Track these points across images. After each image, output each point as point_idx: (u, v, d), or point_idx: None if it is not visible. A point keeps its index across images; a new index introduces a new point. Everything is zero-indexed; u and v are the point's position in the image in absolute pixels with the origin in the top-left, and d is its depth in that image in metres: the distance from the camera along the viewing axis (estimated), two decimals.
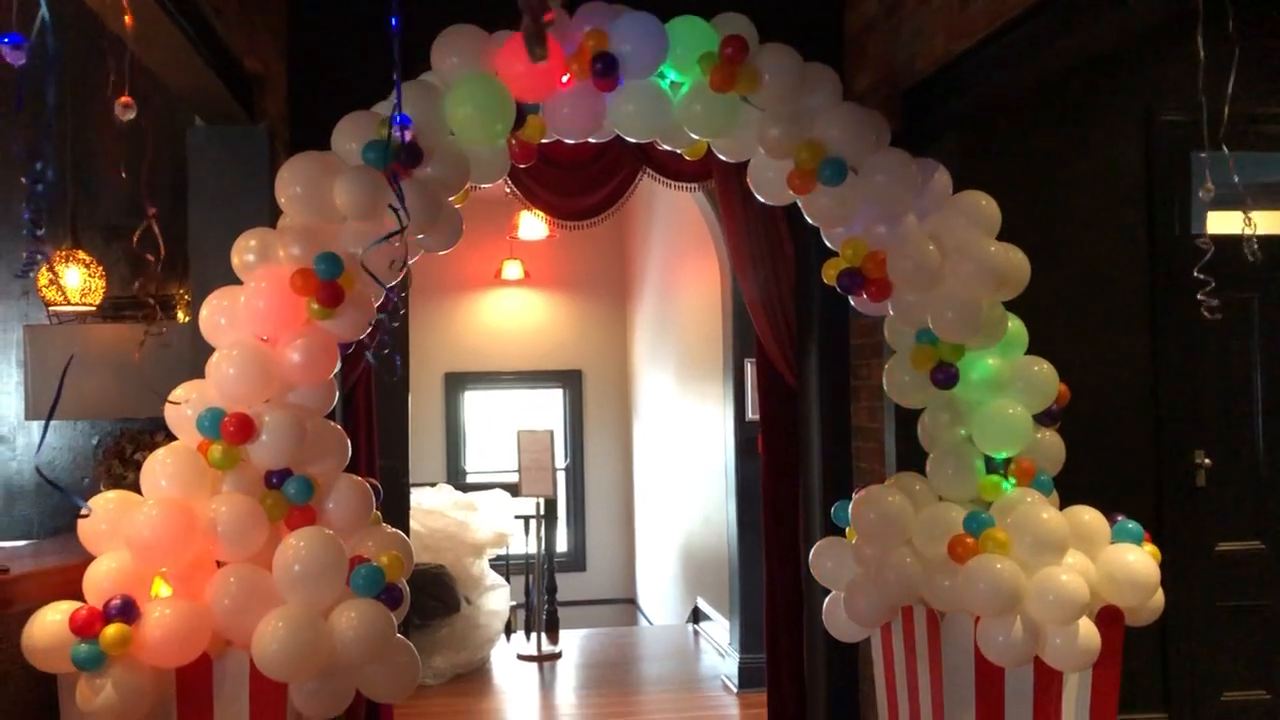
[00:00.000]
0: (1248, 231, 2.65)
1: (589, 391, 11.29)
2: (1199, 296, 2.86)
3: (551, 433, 7.44)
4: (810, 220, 3.57)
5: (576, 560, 11.18)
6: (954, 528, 3.31)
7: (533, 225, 9.13)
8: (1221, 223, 4.66)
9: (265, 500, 3.07)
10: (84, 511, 2.88)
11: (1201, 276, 2.80)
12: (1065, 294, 4.42)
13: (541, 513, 7.42)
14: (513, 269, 10.53)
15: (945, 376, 3.45)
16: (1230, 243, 3.27)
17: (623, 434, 11.29)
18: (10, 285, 4.49)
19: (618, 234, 11.12)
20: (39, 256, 1.81)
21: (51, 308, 4.03)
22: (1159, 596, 3.35)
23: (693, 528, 8.31)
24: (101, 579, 2.88)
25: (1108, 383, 4.49)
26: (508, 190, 4.76)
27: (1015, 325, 3.52)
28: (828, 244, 3.68)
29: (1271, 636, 4.64)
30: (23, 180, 1.69)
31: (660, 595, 9.77)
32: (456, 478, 10.59)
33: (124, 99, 2.39)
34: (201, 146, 3.86)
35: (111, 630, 2.75)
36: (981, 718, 3.32)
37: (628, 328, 11.19)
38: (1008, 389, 3.46)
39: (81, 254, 4.08)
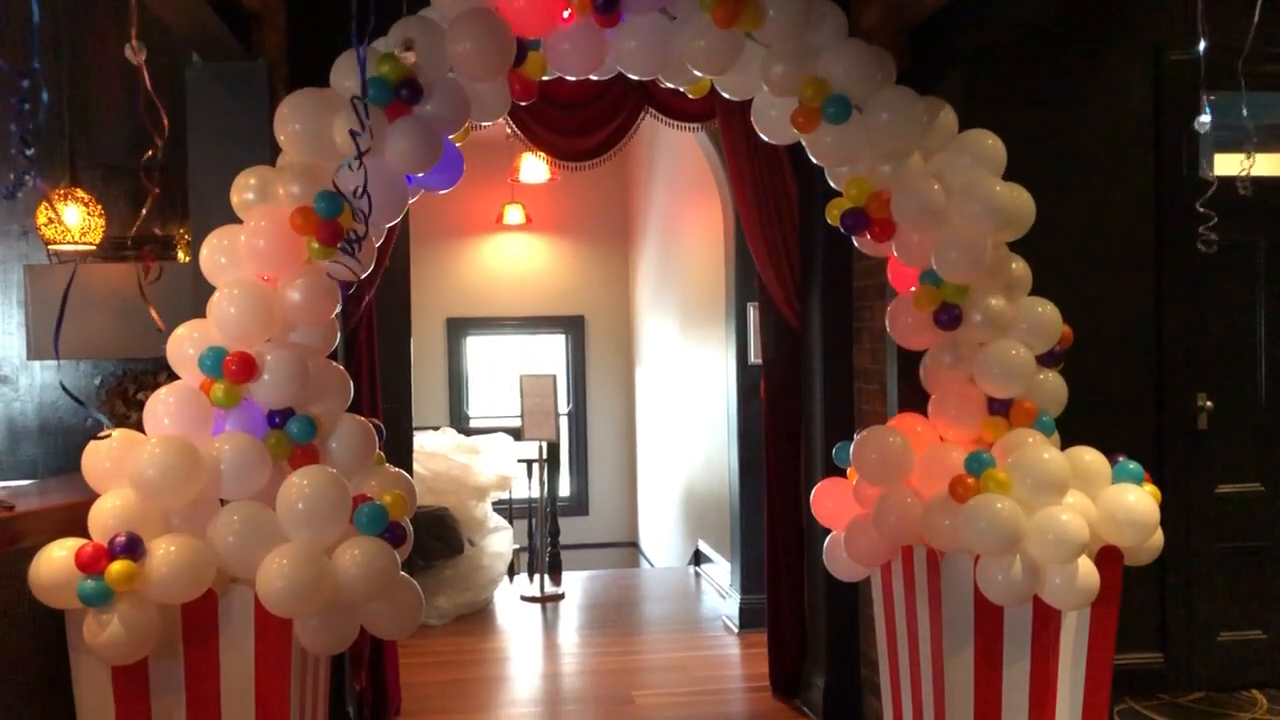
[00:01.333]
0: (1244, 165, 2.63)
1: (591, 337, 11.29)
2: (1200, 230, 2.84)
3: (554, 377, 7.45)
4: (814, 159, 3.54)
5: (579, 505, 11.27)
6: (955, 468, 3.32)
7: (534, 168, 9.07)
8: (1228, 165, 4.62)
9: (268, 439, 3.08)
10: (105, 432, 2.88)
11: (1203, 210, 2.77)
12: (1070, 235, 4.39)
13: (544, 456, 7.45)
14: (514, 213, 10.48)
15: (949, 317, 3.44)
16: (1236, 185, 3.25)
17: (625, 379, 11.31)
18: (8, 225, 4.47)
19: (620, 178, 11.05)
20: (28, 177, 1.79)
21: (51, 247, 4.01)
22: (1158, 536, 3.37)
23: (694, 472, 8.35)
24: (106, 516, 2.90)
25: (1111, 325, 4.47)
26: (509, 131, 4.72)
27: (1019, 266, 3.50)
28: (831, 184, 3.65)
29: (1270, 578, 4.67)
30: (10, 101, 1.66)
31: (662, 539, 9.85)
32: (459, 423, 10.64)
33: (134, 42, 2.36)
34: (199, 83, 3.81)
35: (117, 567, 2.77)
36: (980, 656, 3.36)
37: (630, 272, 11.16)
38: (1011, 330, 3.45)
39: (80, 192, 4.05)
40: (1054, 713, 3.41)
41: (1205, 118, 2.80)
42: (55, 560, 2.82)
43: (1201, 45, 2.67)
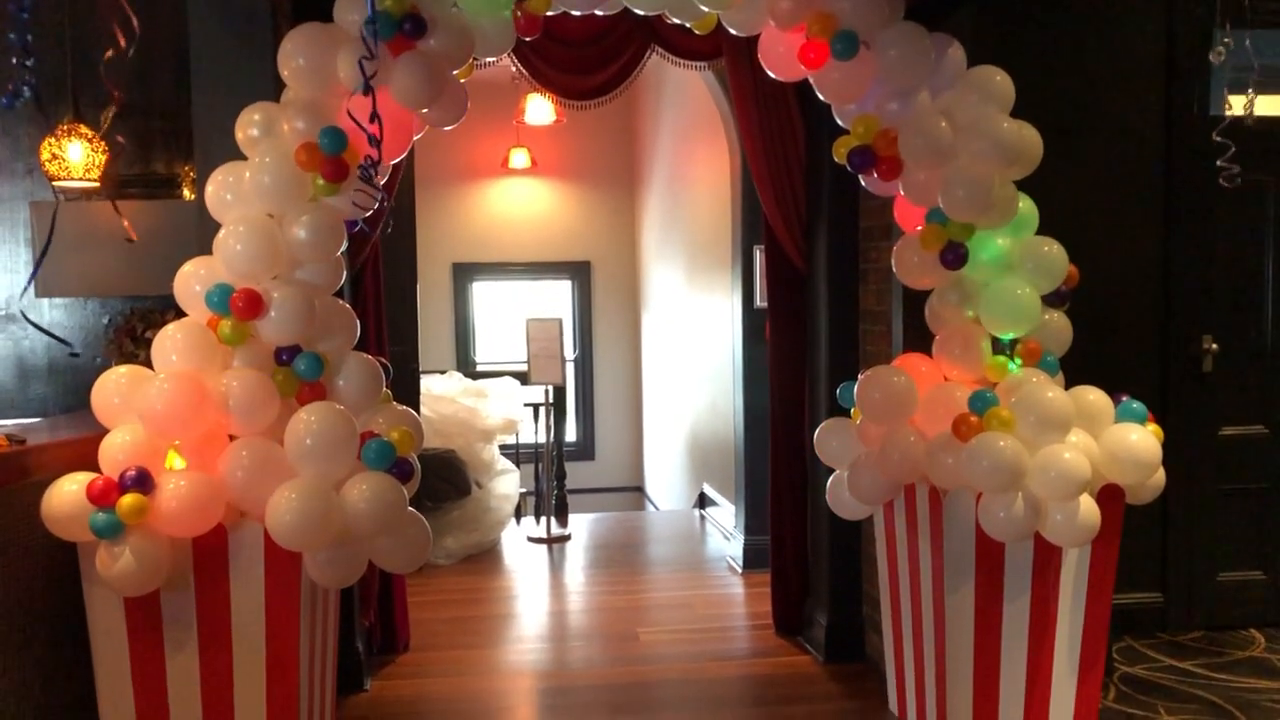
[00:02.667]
0: (1250, 96, 2.62)
1: (597, 283, 11.28)
2: (1219, 163, 2.82)
3: (560, 321, 7.45)
4: (821, 97, 3.51)
5: (585, 450, 11.32)
6: (959, 406, 3.33)
7: (539, 109, 8.99)
8: (1238, 106, 4.57)
9: (276, 376, 3.10)
10: (74, 349, 2.89)
11: (1220, 139, 2.75)
12: (1078, 174, 4.37)
13: (551, 400, 7.48)
14: (519, 157, 10.42)
15: (954, 256, 3.43)
16: (1244, 125, 3.22)
17: (631, 325, 11.31)
18: (14, 163, 4.46)
19: (626, 121, 10.96)
20: (25, 86, 1.78)
21: (55, 183, 4.00)
22: (1160, 475, 3.39)
23: (699, 416, 8.39)
24: (116, 451, 2.93)
25: (1118, 265, 4.46)
26: (514, 70, 4.68)
27: (1026, 205, 3.49)
28: (839, 122, 3.63)
29: (1270, 519, 4.70)
30: (9, 8, 1.65)
31: (667, 483, 9.91)
32: (466, 367, 10.66)
33: None
34: (202, 19, 3.77)
35: (128, 500, 2.81)
36: (981, 593, 3.39)
37: (636, 218, 11.12)
38: (1017, 269, 3.45)
39: (83, 128, 4.04)
40: (1053, 650, 3.45)
41: (1221, 50, 2.77)
42: (67, 494, 2.86)
43: None
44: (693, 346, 8.56)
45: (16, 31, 1.72)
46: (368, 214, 3.28)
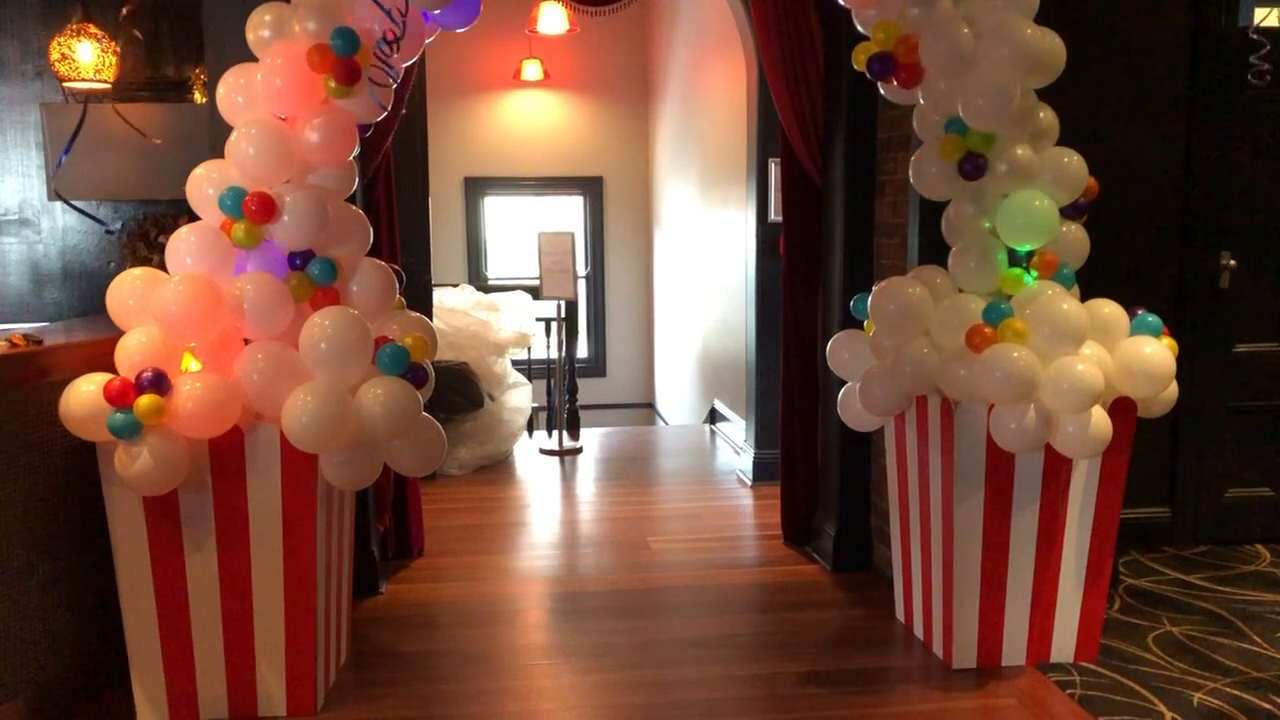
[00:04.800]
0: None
1: (610, 199, 11.20)
2: (1251, 60, 2.75)
3: (572, 235, 7.41)
4: (841, 2, 3.44)
5: (597, 366, 11.36)
6: (973, 318, 3.32)
7: (552, 18, 8.84)
8: (1269, 20, 4.47)
9: (289, 280, 3.10)
10: (108, 227, 2.89)
11: (1255, 36, 2.68)
12: (1100, 85, 4.29)
13: (563, 315, 7.49)
14: (532, 69, 10.28)
15: (973, 167, 3.39)
16: (1273, 38, 3.14)
17: (643, 241, 11.26)
18: (23, 65, 4.42)
19: (640, 32, 10.78)
20: None
21: (66, 84, 3.96)
22: (1173, 389, 3.39)
23: (711, 332, 8.39)
24: (132, 352, 2.95)
25: (1138, 178, 4.41)
26: None
27: (1047, 115, 3.43)
28: (858, 28, 3.56)
29: None
30: None
31: (678, 399, 9.96)
32: (478, 281, 10.66)
33: None
34: None
35: (145, 400, 2.83)
36: (990, 503, 3.42)
37: (650, 132, 10.99)
38: (1036, 180, 3.41)
39: (93, 28, 3.99)
40: (1060, 561, 3.50)
41: None
42: (84, 394, 2.89)
43: None
44: (705, 262, 8.53)
45: None
46: (382, 115, 3.25)
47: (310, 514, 3.13)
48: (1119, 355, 3.31)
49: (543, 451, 7.18)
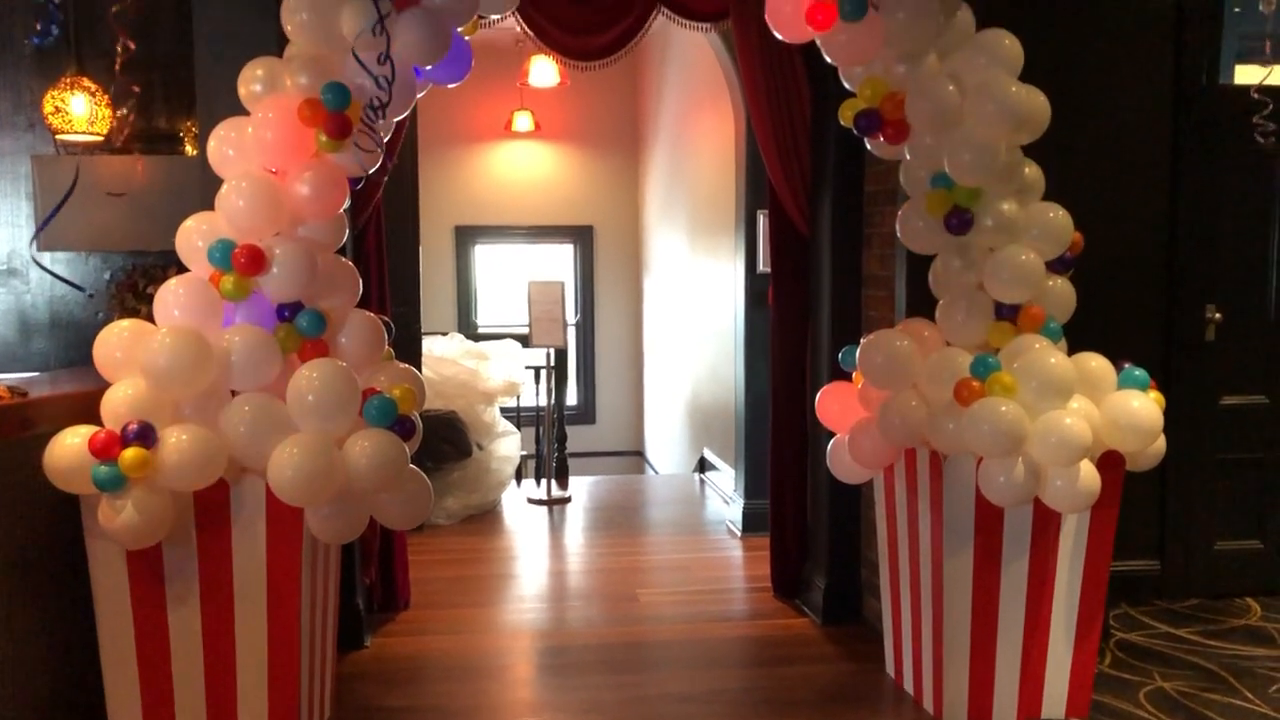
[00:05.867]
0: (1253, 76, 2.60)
1: (600, 247, 11.25)
2: (1255, 120, 2.80)
3: (562, 284, 7.44)
4: (828, 59, 3.49)
5: (586, 414, 11.34)
6: (961, 371, 3.33)
7: (543, 71, 8.93)
8: (1247, 75, 4.55)
9: (278, 333, 3.10)
10: (88, 293, 2.86)
11: (1258, 96, 2.72)
12: (1085, 140, 4.35)
13: (552, 363, 7.48)
14: (523, 120, 10.36)
15: (959, 222, 3.42)
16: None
17: (633, 290, 11.29)
18: (16, 117, 4.43)
19: (630, 84, 10.89)
20: (53, 24, 1.77)
21: (58, 136, 3.97)
22: (1160, 443, 3.40)
23: (700, 381, 8.39)
24: (119, 404, 2.93)
25: (1123, 233, 4.45)
26: (518, 31, 4.64)
27: (1032, 170, 3.47)
28: (845, 84, 3.60)
29: (1269, 489, 4.71)
30: None
31: (667, 447, 9.93)
32: (467, 330, 10.66)
33: None
34: None
35: (130, 453, 2.81)
36: (979, 557, 3.41)
37: (639, 182, 11.07)
38: (1022, 235, 3.43)
39: (87, 81, 4.01)
40: (1050, 615, 3.48)
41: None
42: (69, 446, 2.87)
43: None
44: (694, 311, 8.55)
45: None
46: (371, 170, 3.27)
47: (295, 567, 3.10)
48: (1106, 409, 3.32)
49: (531, 501, 7.14)
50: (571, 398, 10.97)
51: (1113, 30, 4.38)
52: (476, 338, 8.57)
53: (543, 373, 7.62)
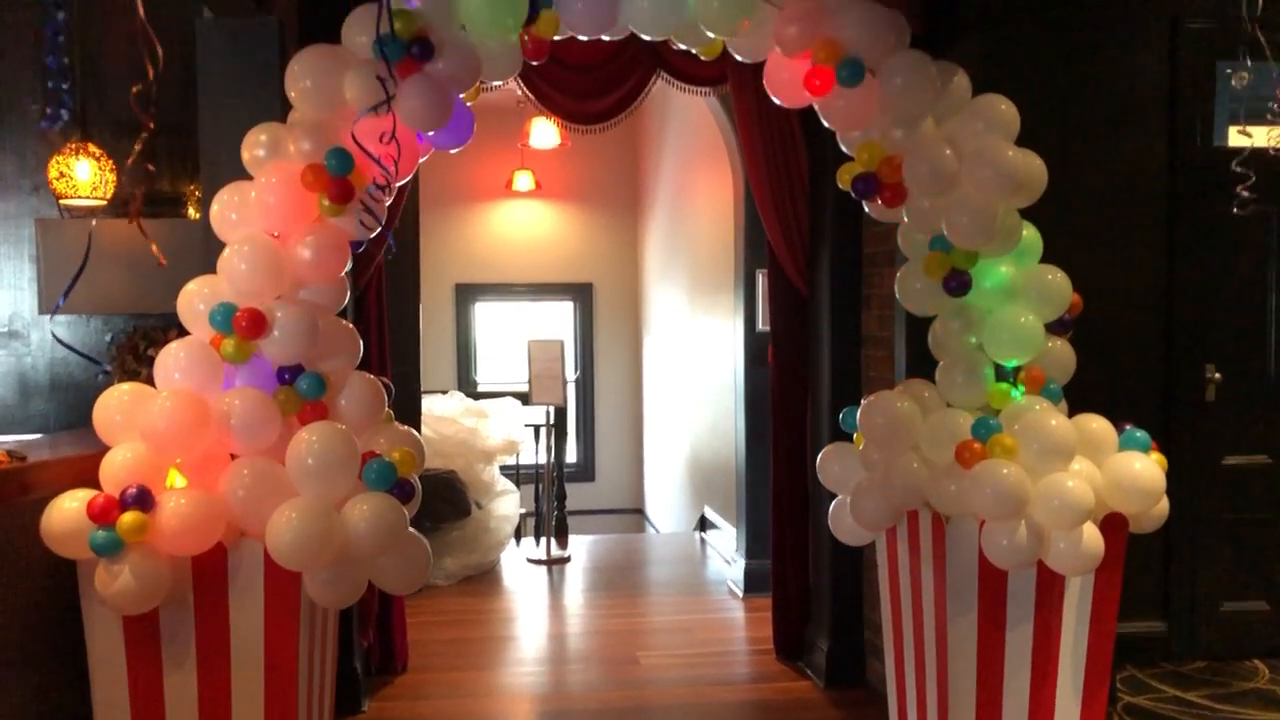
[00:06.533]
0: (1271, 134, 2.64)
1: (599, 304, 11.29)
2: (1236, 190, 2.83)
3: (562, 342, 7.46)
4: (826, 124, 3.52)
5: (586, 471, 11.31)
6: (962, 433, 3.32)
7: (544, 133, 9.03)
8: (1242, 139, 4.59)
9: (278, 395, 3.10)
10: (104, 367, 2.87)
11: (1240, 169, 2.76)
12: (1082, 203, 4.38)
13: (552, 422, 7.47)
14: (524, 180, 10.45)
15: (958, 284, 3.43)
16: (1251, 156, 3.23)
17: (633, 347, 11.32)
18: (20, 180, 4.48)
19: (630, 145, 11.01)
20: (63, 108, 1.79)
21: (62, 201, 4.01)
22: (1163, 505, 3.38)
23: (701, 439, 8.37)
24: (117, 468, 2.92)
25: (1121, 294, 4.47)
26: (519, 95, 4.70)
27: (1030, 233, 3.49)
28: (843, 148, 3.63)
29: (1274, 549, 4.68)
30: (43, 30, 1.66)
31: (668, 505, 9.89)
32: (467, 388, 10.66)
33: None
34: (210, 39, 3.80)
35: (128, 518, 2.80)
36: (983, 621, 3.38)
37: (639, 240, 11.14)
38: (1020, 297, 3.45)
39: (92, 147, 4.05)
40: (1056, 679, 3.43)
41: (1244, 75, 2.79)
42: (67, 510, 2.85)
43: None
44: (694, 369, 8.56)
45: (54, 54, 1.72)
46: (373, 234, 3.29)
47: (292, 632, 3.07)
48: (1108, 471, 3.31)
49: (530, 561, 7.09)
50: (571, 455, 10.95)
51: (1108, 94, 4.43)
52: (476, 395, 8.57)
53: (542, 430, 7.61)
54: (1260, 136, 3.76)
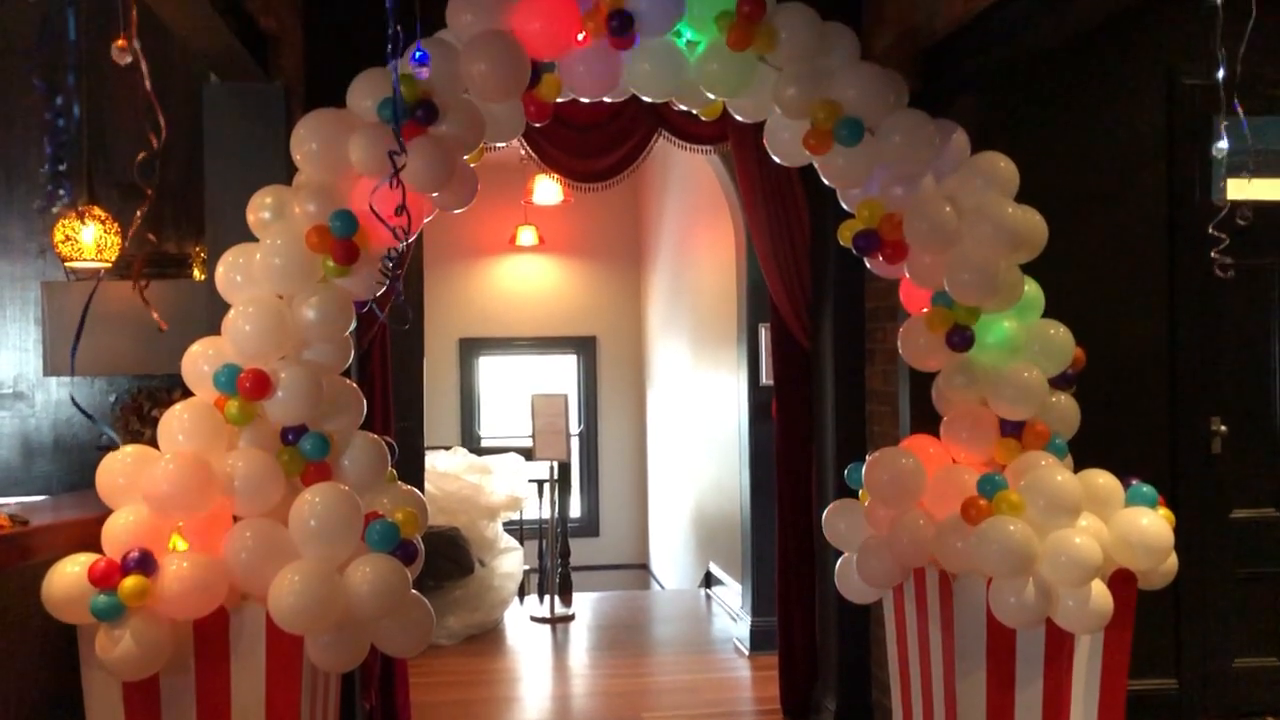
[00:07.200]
0: (1248, 186, 2.67)
1: (603, 358, 11.30)
2: (1213, 254, 2.86)
3: (566, 397, 7.46)
4: (826, 181, 3.55)
5: (590, 526, 11.24)
6: (967, 489, 3.31)
7: (547, 190, 9.11)
8: (1240, 189, 4.62)
9: (281, 456, 3.09)
10: (113, 442, 2.86)
11: (1215, 234, 2.79)
12: (1083, 257, 4.39)
13: (555, 477, 7.45)
14: (527, 234, 10.51)
15: (961, 339, 3.43)
16: (1253, 209, 3.25)
17: (636, 400, 11.31)
18: (27, 243, 4.51)
19: (632, 199, 11.09)
20: (61, 193, 1.81)
21: (68, 264, 4.04)
22: (1172, 560, 3.35)
23: (705, 493, 8.34)
24: (120, 532, 2.91)
25: (1125, 347, 4.47)
26: (523, 153, 4.75)
27: (1032, 288, 3.50)
28: (844, 205, 3.66)
29: None
30: (45, 116, 1.68)
31: (673, 560, 9.82)
32: (471, 442, 10.64)
33: (119, 42, 2.35)
34: (217, 103, 3.85)
35: (130, 582, 2.78)
36: (992, 679, 3.33)
37: (642, 294, 11.18)
38: (1023, 352, 3.45)
39: (98, 210, 4.09)
40: None
41: (1223, 143, 2.83)
42: (68, 575, 2.83)
43: (1220, 73, 2.68)
44: (698, 422, 8.55)
45: (53, 142, 1.74)
46: (378, 294, 3.30)
47: (294, 697, 3.04)
48: (1115, 527, 3.29)
49: (534, 619, 7.03)
50: (575, 509, 10.89)
51: (1106, 150, 4.47)
52: (480, 450, 8.56)
53: (546, 486, 7.59)
54: (1245, 190, 3.79)
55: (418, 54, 2.69)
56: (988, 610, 3.26)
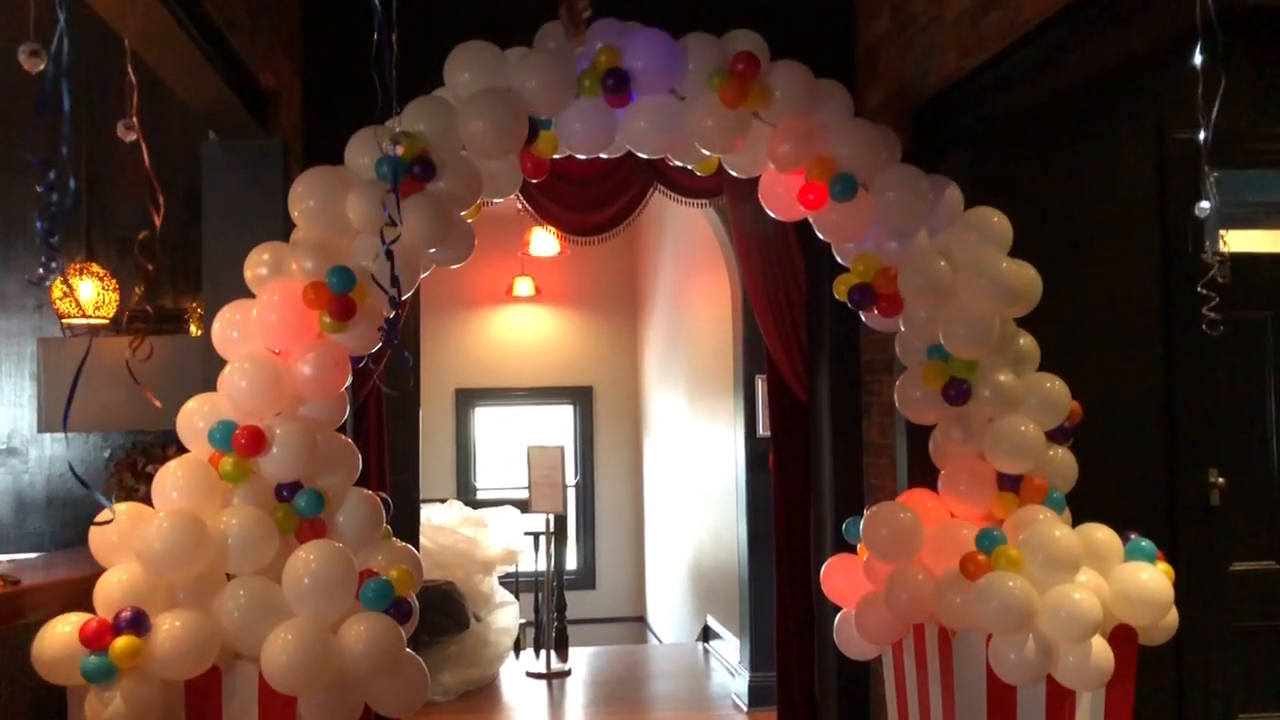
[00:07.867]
0: (1223, 247, 2.71)
1: (599, 408, 11.29)
2: (1203, 311, 2.87)
3: (562, 449, 7.43)
4: (821, 236, 3.57)
5: (586, 578, 11.16)
6: (966, 544, 3.29)
7: (544, 241, 9.15)
8: (1232, 242, 4.65)
9: (276, 513, 3.08)
10: (106, 516, 2.84)
11: (1204, 291, 2.81)
12: (1078, 311, 4.40)
13: (551, 530, 7.40)
14: (524, 285, 10.54)
15: (957, 393, 3.44)
16: (1245, 261, 3.28)
17: (633, 451, 11.28)
18: (24, 299, 4.52)
19: (629, 251, 11.14)
20: (54, 265, 1.81)
21: (65, 320, 4.05)
22: (1173, 615, 3.33)
23: (703, 545, 8.29)
24: (112, 591, 2.89)
25: (1121, 400, 4.46)
26: (519, 206, 4.78)
27: (1027, 341, 3.52)
28: (839, 259, 3.68)
29: None
30: (38, 189, 1.69)
31: (670, 613, 9.74)
32: (467, 494, 10.59)
33: (129, 120, 2.39)
34: (215, 160, 3.88)
35: (121, 642, 2.75)
36: None
37: (638, 344, 11.20)
38: (1020, 406, 3.45)
39: (95, 267, 4.11)
40: None
41: (1206, 204, 2.86)
42: (59, 635, 2.80)
43: (1201, 135, 2.72)
44: (695, 474, 8.51)
45: (44, 217, 1.75)
46: (374, 350, 3.30)
47: None
48: (1115, 582, 3.27)
49: (530, 674, 6.95)
50: (571, 561, 10.81)
51: (1099, 204, 4.49)
52: (475, 502, 8.50)
53: (542, 538, 7.53)
54: (1240, 242, 3.81)
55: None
56: (988, 667, 3.23)
